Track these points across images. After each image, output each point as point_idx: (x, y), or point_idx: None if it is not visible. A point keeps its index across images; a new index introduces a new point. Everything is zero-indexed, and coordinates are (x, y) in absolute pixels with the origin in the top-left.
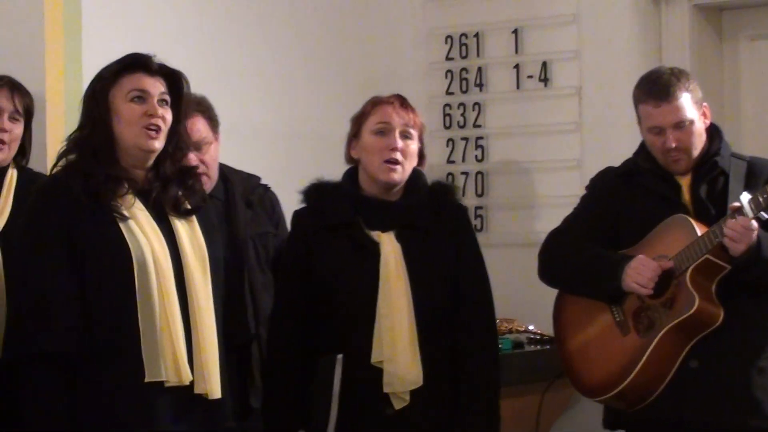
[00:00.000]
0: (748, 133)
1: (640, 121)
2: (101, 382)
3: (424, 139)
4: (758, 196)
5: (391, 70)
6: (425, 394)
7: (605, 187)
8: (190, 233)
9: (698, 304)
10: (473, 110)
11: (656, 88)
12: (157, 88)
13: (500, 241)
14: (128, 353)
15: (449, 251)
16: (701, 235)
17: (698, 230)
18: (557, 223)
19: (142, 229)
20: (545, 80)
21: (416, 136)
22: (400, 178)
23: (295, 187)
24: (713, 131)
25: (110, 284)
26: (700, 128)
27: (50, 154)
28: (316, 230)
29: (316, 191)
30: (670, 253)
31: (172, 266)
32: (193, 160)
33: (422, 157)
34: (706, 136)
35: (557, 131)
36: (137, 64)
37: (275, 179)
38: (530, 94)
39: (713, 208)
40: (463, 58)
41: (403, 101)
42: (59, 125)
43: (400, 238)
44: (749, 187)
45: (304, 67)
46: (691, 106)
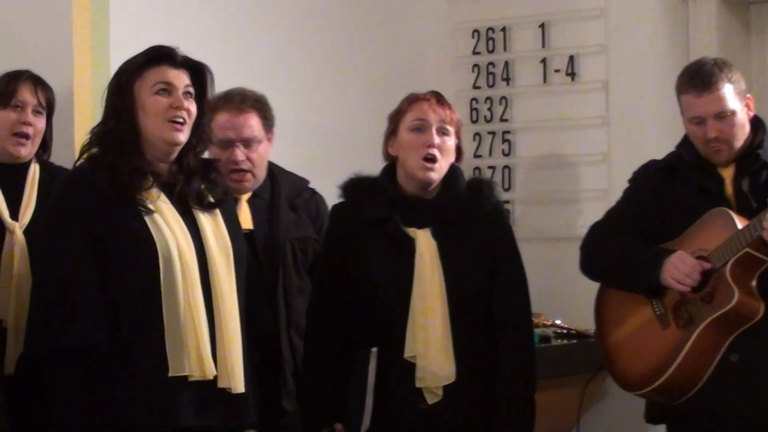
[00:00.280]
0: None
1: (682, 111)
2: (125, 376)
3: (461, 134)
4: None
5: (417, 64)
6: (458, 389)
7: (647, 180)
8: (214, 227)
9: (738, 297)
10: (500, 104)
11: (698, 77)
12: (181, 80)
13: (527, 235)
14: (152, 347)
15: (485, 248)
16: (741, 228)
17: (739, 224)
18: (584, 217)
19: (167, 222)
20: (572, 74)
21: (453, 132)
22: (437, 176)
23: (319, 181)
24: (757, 123)
25: (135, 278)
26: (742, 119)
27: (78, 149)
28: (353, 225)
29: (354, 186)
30: (710, 246)
31: (196, 260)
32: (239, 155)
33: (459, 152)
34: (749, 128)
35: (584, 125)
36: (162, 56)
37: (300, 174)
38: (557, 88)
39: (755, 201)
40: (489, 52)
41: (439, 98)
42: (87, 120)
43: (435, 234)
44: None
45: (330, 62)
46: (733, 96)
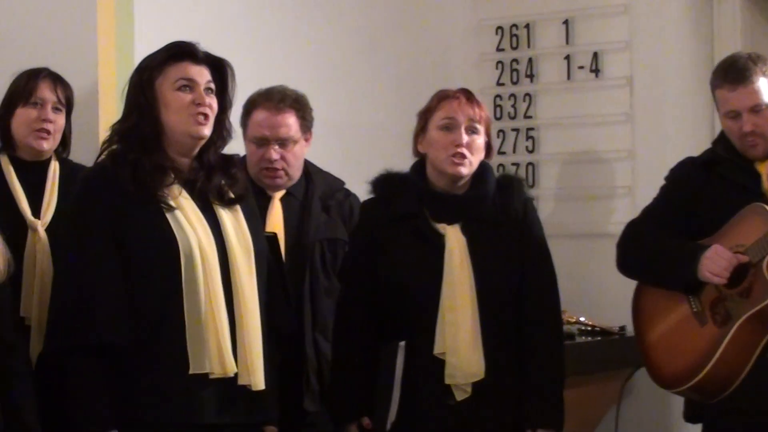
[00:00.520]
0: None
1: (717, 107)
2: (146, 374)
3: (490, 131)
4: None
5: (442, 62)
6: (487, 386)
7: (684, 177)
8: (234, 223)
9: None
10: (524, 101)
11: (732, 71)
12: (203, 76)
13: (551, 232)
14: (173, 345)
15: (515, 244)
16: None
17: None
18: (608, 213)
19: (188, 219)
20: (596, 71)
21: (482, 130)
22: (467, 171)
23: (344, 177)
24: None
25: (156, 276)
26: None
27: None
28: (383, 220)
29: (384, 182)
30: (747, 242)
31: (217, 257)
32: (273, 154)
33: (489, 149)
34: None
35: (608, 122)
36: (183, 52)
37: (328, 170)
38: (581, 84)
39: None
40: (513, 49)
41: (469, 95)
42: (112, 116)
43: (465, 230)
44: None
45: (355, 60)
46: None
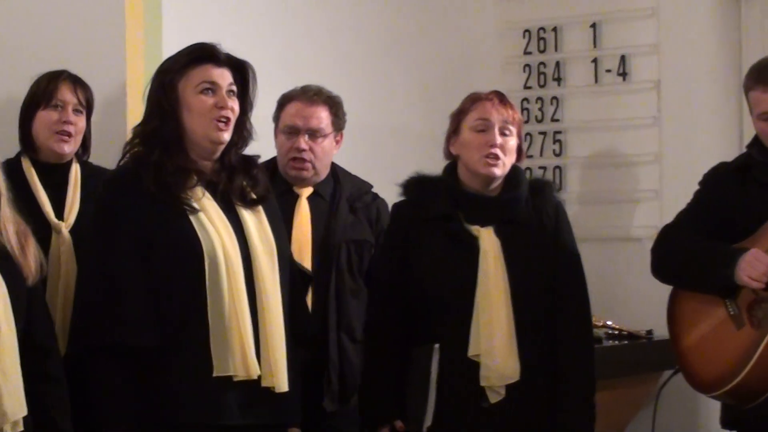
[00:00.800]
0: None
1: (751, 110)
2: (170, 375)
3: (522, 134)
4: None
5: (468, 65)
6: (521, 388)
7: (718, 181)
8: (257, 224)
9: None
10: (551, 104)
11: (765, 73)
12: (225, 78)
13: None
14: (197, 347)
15: (547, 247)
16: None
17: None
18: (635, 217)
19: (212, 221)
20: (624, 74)
21: (515, 132)
22: (500, 172)
23: (369, 179)
24: None
25: (180, 278)
26: None
27: None
28: (415, 222)
29: (416, 184)
30: None
31: (241, 259)
32: (303, 144)
33: (521, 152)
34: None
35: (636, 126)
36: (205, 55)
37: (354, 172)
38: (608, 88)
39: None
40: (540, 52)
41: (501, 97)
42: (139, 117)
43: (499, 232)
44: None
45: (381, 63)
46: None
